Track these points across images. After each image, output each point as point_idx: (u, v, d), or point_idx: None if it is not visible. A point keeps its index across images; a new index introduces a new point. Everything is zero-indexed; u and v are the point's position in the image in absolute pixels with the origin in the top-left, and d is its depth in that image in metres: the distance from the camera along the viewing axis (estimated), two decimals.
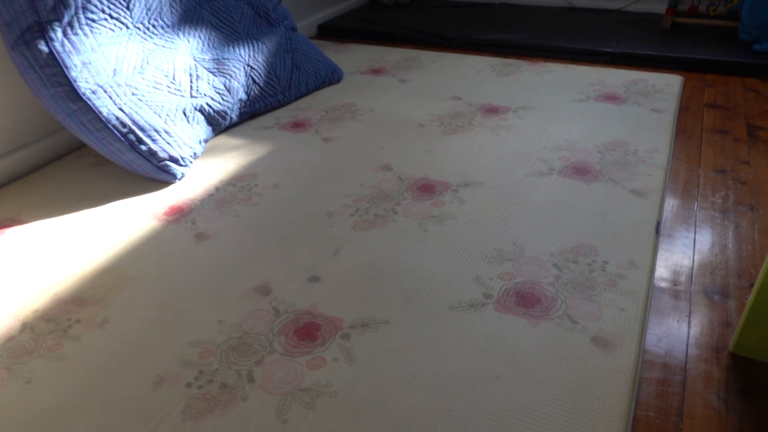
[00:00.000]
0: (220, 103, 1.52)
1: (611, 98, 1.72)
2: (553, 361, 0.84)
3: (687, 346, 0.88)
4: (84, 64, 1.25)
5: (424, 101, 1.75)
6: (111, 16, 1.32)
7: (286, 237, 1.16)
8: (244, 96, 1.60)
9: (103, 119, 1.26)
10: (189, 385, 0.84)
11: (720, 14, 2.25)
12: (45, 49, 1.20)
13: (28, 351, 0.91)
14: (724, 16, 2.23)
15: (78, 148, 1.55)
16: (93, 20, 1.28)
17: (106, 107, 1.26)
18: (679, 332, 0.91)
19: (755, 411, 0.78)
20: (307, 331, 0.92)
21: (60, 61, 1.22)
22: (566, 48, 2.11)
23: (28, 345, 0.92)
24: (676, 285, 1.01)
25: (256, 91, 1.64)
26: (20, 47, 1.20)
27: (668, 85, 1.80)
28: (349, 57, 2.17)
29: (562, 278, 1.01)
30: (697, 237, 1.12)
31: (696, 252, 1.08)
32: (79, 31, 1.26)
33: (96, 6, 1.28)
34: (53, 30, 1.21)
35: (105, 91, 1.27)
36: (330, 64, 1.90)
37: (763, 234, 1.12)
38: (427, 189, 1.30)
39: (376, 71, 2.01)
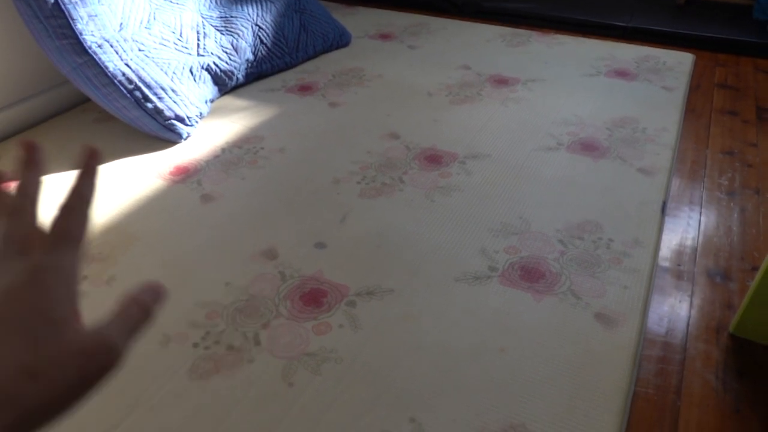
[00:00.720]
0: (227, 63, 1.49)
1: (622, 74, 1.70)
2: (556, 336, 0.86)
3: (688, 326, 0.90)
4: (90, 16, 1.22)
5: (432, 69, 1.73)
6: None
7: (292, 202, 1.15)
8: (251, 56, 1.57)
9: (109, 74, 1.24)
10: (196, 345, 0.85)
11: None
12: None
13: None
14: None
15: (82, 102, 1.53)
16: None
17: (112, 62, 1.24)
18: (681, 312, 0.92)
19: (752, 392, 0.80)
20: (313, 297, 0.93)
21: (66, 12, 1.19)
22: (578, 20, 2.07)
23: None
24: (679, 265, 1.02)
25: (263, 52, 1.61)
26: None
27: (679, 62, 1.77)
28: (358, 20, 2.13)
29: (567, 254, 1.01)
30: (702, 218, 1.13)
31: (701, 233, 1.09)
32: None
33: None
34: None
35: (111, 46, 1.24)
36: (338, 27, 1.86)
37: (767, 218, 1.13)
38: (434, 159, 1.29)
39: (384, 36, 1.98)
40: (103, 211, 1.12)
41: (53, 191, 1.18)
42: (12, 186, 0.32)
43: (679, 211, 1.15)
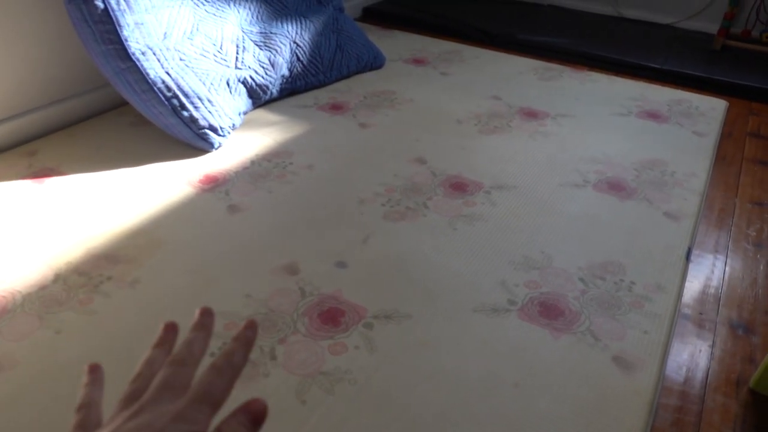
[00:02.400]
0: (263, 77, 1.53)
1: (653, 115, 1.70)
2: (572, 376, 0.85)
3: (707, 376, 0.88)
4: (136, 24, 1.26)
5: (463, 97, 1.75)
6: None
7: (316, 219, 1.17)
8: (286, 72, 1.60)
9: (150, 81, 1.27)
10: (212, 354, 0.86)
11: None
12: (100, 5, 1.21)
13: (60, 302, 0.93)
14: None
15: (120, 105, 1.57)
16: None
17: (153, 69, 1.27)
18: (701, 362, 0.91)
19: None
20: (331, 316, 0.93)
21: (114, 18, 1.23)
22: (611, 59, 2.08)
23: (60, 296, 0.95)
24: (701, 314, 1.00)
25: (299, 69, 1.64)
26: (77, 1, 1.21)
27: (712, 108, 1.77)
28: (392, 43, 2.16)
29: (588, 293, 1.01)
30: (727, 268, 1.11)
31: (725, 283, 1.08)
32: None
33: None
34: None
35: (154, 54, 1.28)
36: (373, 49, 1.89)
37: None
38: (459, 187, 1.30)
39: (418, 61, 2.00)
40: (132, 214, 1.15)
41: (88, 191, 1.21)
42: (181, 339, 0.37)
43: (703, 258, 1.14)
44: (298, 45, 1.63)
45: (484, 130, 1.56)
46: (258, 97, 1.55)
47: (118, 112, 1.53)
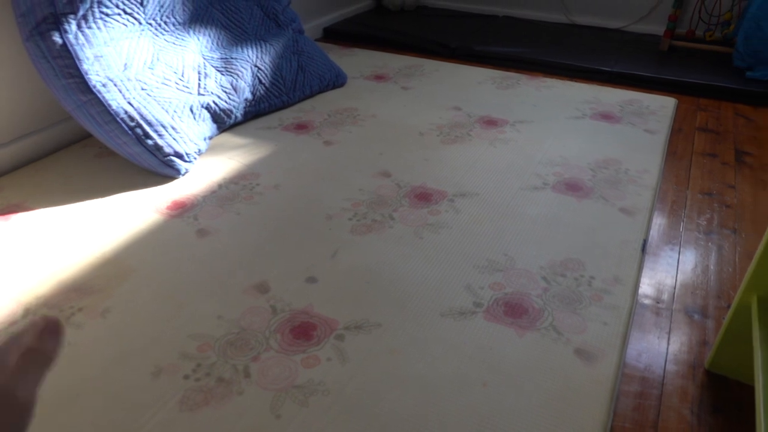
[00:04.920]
0: (226, 102, 1.55)
1: (606, 117, 1.77)
2: (537, 371, 0.88)
3: (665, 361, 0.93)
4: (96, 57, 1.28)
5: (424, 110, 1.79)
6: (125, 12, 1.35)
7: (285, 237, 1.19)
8: (249, 96, 1.63)
9: (112, 112, 1.29)
10: (187, 377, 0.87)
11: (716, 40, 2.31)
12: (59, 40, 1.23)
13: None
14: (720, 42, 2.29)
15: (84, 138, 1.58)
16: (107, 14, 1.31)
17: (115, 100, 1.29)
18: (659, 348, 0.95)
19: (726, 427, 0.82)
20: (303, 330, 0.96)
21: (73, 53, 1.24)
22: (565, 64, 2.15)
23: None
24: (658, 302, 1.05)
25: (261, 92, 1.67)
26: (35, 38, 1.22)
27: (662, 107, 1.84)
28: (354, 61, 2.21)
29: (550, 291, 1.05)
30: (681, 257, 1.17)
31: (679, 272, 1.13)
32: (93, 25, 1.28)
33: (111, 1, 1.31)
34: (68, 22, 1.24)
35: (115, 85, 1.30)
36: (335, 68, 1.93)
37: (743, 257, 1.17)
38: (424, 197, 1.34)
39: (379, 77, 2.05)
40: (100, 244, 1.16)
41: (55, 224, 1.22)
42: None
43: (659, 249, 1.19)
44: (259, 68, 1.66)
45: (446, 140, 1.61)
46: (222, 121, 1.57)
47: (83, 144, 1.54)
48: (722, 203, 1.35)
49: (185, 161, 1.39)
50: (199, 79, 1.49)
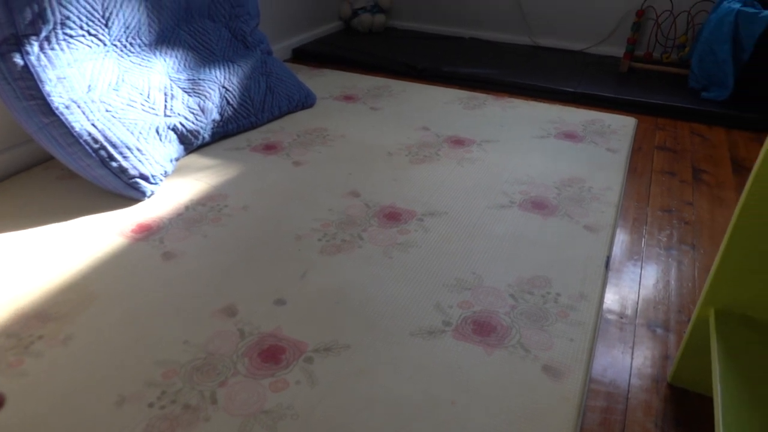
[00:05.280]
0: (193, 123, 1.54)
1: (570, 136, 1.81)
2: (505, 389, 0.89)
3: (630, 376, 0.95)
4: (59, 78, 1.26)
5: (393, 130, 1.81)
6: (89, 33, 1.34)
7: (254, 259, 1.18)
8: (217, 116, 1.62)
9: (75, 134, 1.27)
10: (151, 405, 0.85)
11: (672, 62, 2.40)
12: (20, 62, 1.21)
13: None
14: (677, 63, 2.38)
15: (45, 160, 1.55)
16: (71, 36, 1.30)
17: (78, 122, 1.27)
18: (623, 363, 0.97)
19: None
20: (272, 354, 0.95)
21: (35, 74, 1.22)
22: (530, 85, 2.21)
23: None
24: (622, 318, 1.07)
25: (229, 113, 1.66)
26: None
27: (623, 126, 1.90)
28: (323, 82, 2.22)
29: (518, 308, 1.06)
30: (643, 272, 1.20)
31: (641, 287, 1.16)
32: (56, 46, 1.27)
33: (74, 22, 1.30)
34: (29, 44, 1.22)
35: (78, 107, 1.28)
36: (303, 89, 1.94)
37: (702, 272, 1.20)
38: (393, 217, 1.35)
39: (348, 98, 2.07)
40: (62, 270, 1.13)
41: (15, 250, 1.18)
42: None
43: (622, 265, 1.22)
44: (227, 89, 1.66)
45: (414, 160, 1.63)
46: (190, 142, 1.56)
47: (44, 166, 1.51)
48: (681, 220, 1.39)
49: (151, 183, 1.37)
50: (166, 101, 1.48)
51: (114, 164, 1.31)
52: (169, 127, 1.48)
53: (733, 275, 0.80)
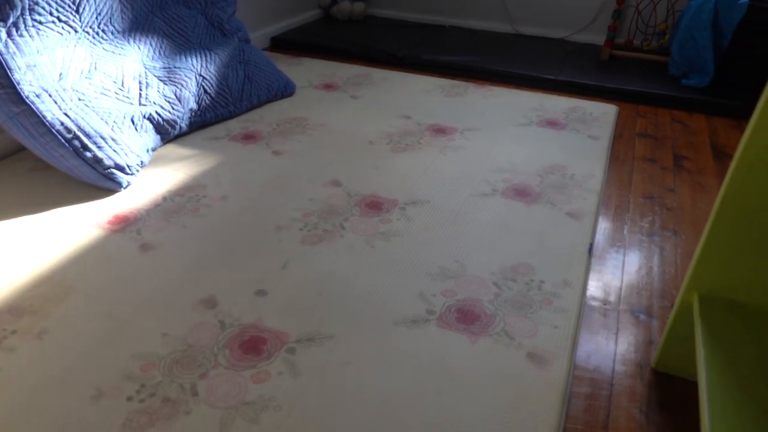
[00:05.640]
0: (169, 112, 1.51)
1: (552, 123, 1.81)
2: (490, 377, 0.89)
3: (614, 362, 0.95)
4: (29, 66, 1.22)
5: (374, 118, 1.79)
6: (59, 19, 1.29)
7: (234, 250, 1.16)
8: (194, 105, 1.59)
9: (47, 124, 1.23)
10: (130, 398, 0.83)
11: (653, 49, 2.41)
12: None
13: None
14: (657, 51, 2.39)
15: (17, 151, 1.50)
16: (40, 22, 1.25)
17: (50, 111, 1.23)
18: (607, 349, 0.97)
19: (673, 424, 0.84)
20: (253, 345, 0.93)
21: (3, 62, 1.18)
22: (511, 73, 2.20)
23: None
24: (605, 304, 1.07)
25: (207, 101, 1.63)
26: None
27: (604, 113, 1.91)
28: (302, 71, 2.19)
29: (502, 296, 1.05)
30: (625, 259, 1.20)
31: (624, 273, 1.16)
32: (25, 33, 1.22)
33: (44, 8, 1.25)
34: None
35: (50, 95, 1.24)
36: (283, 77, 1.91)
37: (684, 257, 1.21)
38: (375, 206, 1.33)
39: (328, 86, 2.04)
40: (36, 263, 1.10)
41: None
42: None
43: (605, 252, 1.22)
44: (204, 78, 1.62)
45: (396, 148, 1.61)
46: (166, 132, 1.52)
47: (16, 158, 1.46)
48: (663, 206, 1.40)
49: (127, 174, 1.34)
50: (141, 89, 1.45)
51: (88, 154, 1.27)
52: (144, 117, 1.44)
53: (717, 260, 0.80)
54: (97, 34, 1.39)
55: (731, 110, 1.96)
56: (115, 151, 1.31)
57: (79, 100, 1.29)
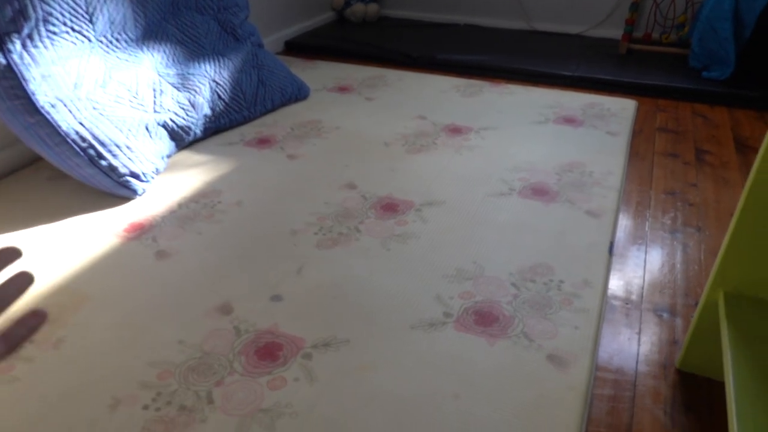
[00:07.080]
0: (184, 119, 1.51)
1: (569, 120, 1.78)
2: (509, 380, 0.87)
3: (637, 363, 0.92)
4: (43, 76, 1.23)
5: (389, 120, 1.78)
6: (73, 29, 1.30)
7: (249, 255, 1.15)
8: (209, 111, 1.59)
9: (62, 133, 1.24)
10: (146, 407, 0.83)
11: (672, 42, 2.36)
12: (2, 60, 1.18)
13: None
14: (676, 43, 2.34)
15: (35, 161, 1.52)
16: (54, 33, 1.26)
17: (65, 121, 1.24)
18: (630, 349, 0.95)
19: (698, 426, 0.81)
20: (269, 351, 0.92)
21: (18, 73, 1.19)
22: (527, 70, 2.17)
23: None
24: (627, 303, 1.05)
25: (221, 107, 1.63)
26: None
27: (623, 109, 1.87)
28: (316, 74, 2.19)
29: (520, 297, 1.03)
30: (647, 257, 1.17)
31: (646, 271, 1.13)
32: (39, 44, 1.24)
33: (57, 19, 1.27)
34: (11, 42, 1.19)
35: (65, 105, 1.25)
36: (296, 81, 1.91)
37: (708, 254, 1.18)
38: (390, 208, 1.32)
39: (342, 89, 2.03)
40: (53, 271, 1.10)
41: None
42: None
43: (626, 250, 1.19)
44: (218, 83, 1.63)
45: (411, 149, 1.60)
46: (181, 138, 1.53)
47: (34, 168, 1.48)
48: (685, 202, 1.36)
49: (142, 181, 1.34)
50: (155, 96, 1.45)
51: (103, 163, 1.28)
52: (159, 124, 1.45)
53: (743, 256, 0.77)
54: (111, 42, 1.40)
55: (754, 102, 1.91)
56: (130, 159, 1.32)
57: (94, 108, 1.30)
